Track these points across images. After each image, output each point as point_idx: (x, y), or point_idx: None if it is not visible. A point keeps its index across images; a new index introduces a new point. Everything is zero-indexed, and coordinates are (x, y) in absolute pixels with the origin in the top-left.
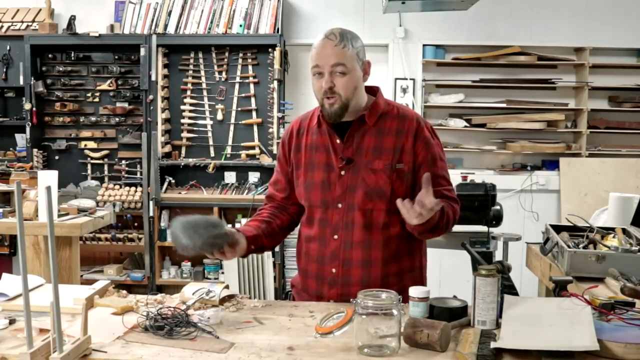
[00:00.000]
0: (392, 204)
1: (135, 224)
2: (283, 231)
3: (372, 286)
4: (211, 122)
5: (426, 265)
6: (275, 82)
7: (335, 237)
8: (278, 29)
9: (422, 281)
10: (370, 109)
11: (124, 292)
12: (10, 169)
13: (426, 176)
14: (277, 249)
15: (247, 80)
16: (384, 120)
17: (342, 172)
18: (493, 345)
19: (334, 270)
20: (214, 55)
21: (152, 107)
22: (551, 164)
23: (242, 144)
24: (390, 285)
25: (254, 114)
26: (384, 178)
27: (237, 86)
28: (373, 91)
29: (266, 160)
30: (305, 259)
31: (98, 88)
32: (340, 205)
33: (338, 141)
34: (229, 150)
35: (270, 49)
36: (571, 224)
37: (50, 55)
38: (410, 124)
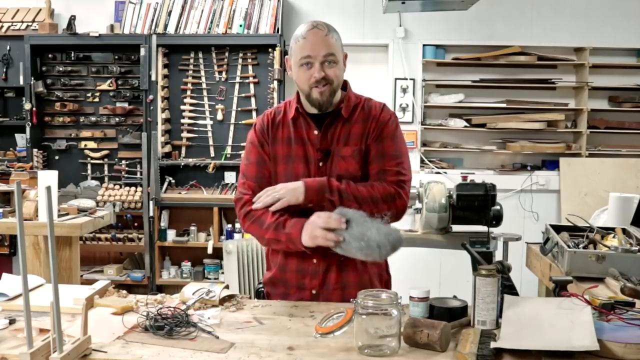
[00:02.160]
0: None
1: (135, 224)
2: None
3: (350, 273)
4: (211, 122)
5: None
6: (275, 82)
7: None
8: (278, 29)
9: (386, 268)
10: (344, 102)
11: (124, 292)
12: (10, 169)
13: None
14: None
15: (247, 80)
16: (354, 112)
17: (320, 164)
18: (493, 345)
19: (314, 260)
20: (214, 55)
21: (152, 107)
22: (551, 164)
23: (242, 144)
24: (369, 270)
25: (254, 114)
26: (352, 163)
27: (237, 86)
28: (343, 84)
29: None
30: (284, 253)
31: (98, 88)
32: None
33: (316, 132)
34: (229, 150)
35: (270, 49)
36: (571, 224)
37: (50, 55)
38: (375, 111)
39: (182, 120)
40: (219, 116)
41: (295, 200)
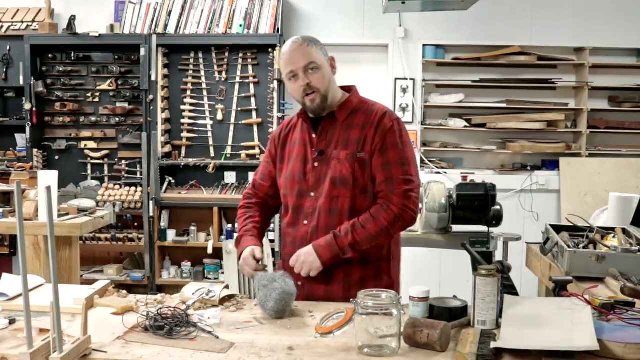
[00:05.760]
0: (355, 191)
1: (135, 224)
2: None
3: (336, 269)
4: (211, 122)
5: (399, 256)
6: (275, 82)
7: (305, 222)
8: (278, 29)
9: (389, 273)
10: (341, 106)
11: (124, 292)
12: (10, 169)
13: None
14: (277, 249)
15: (247, 80)
16: (354, 116)
17: (315, 164)
18: (493, 345)
19: (299, 283)
20: (214, 55)
21: (152, 107)
22: (551, 164)
23: (242, 144)
24: (353, 274)
25: (254, 114)
26: (346, 166)
27: (237, 86)
28: (349, 89)
29: None
30: (284, 244)
31: (98, 88)
32: (312, 194)
33: (314, 135)
34: (229, 150)
35: (270, 49)
36: (571, 224)
37: (50, 55)
38: (375, 116)
39: (182, 120)
40: (219, 116)
41: (317, 268)
